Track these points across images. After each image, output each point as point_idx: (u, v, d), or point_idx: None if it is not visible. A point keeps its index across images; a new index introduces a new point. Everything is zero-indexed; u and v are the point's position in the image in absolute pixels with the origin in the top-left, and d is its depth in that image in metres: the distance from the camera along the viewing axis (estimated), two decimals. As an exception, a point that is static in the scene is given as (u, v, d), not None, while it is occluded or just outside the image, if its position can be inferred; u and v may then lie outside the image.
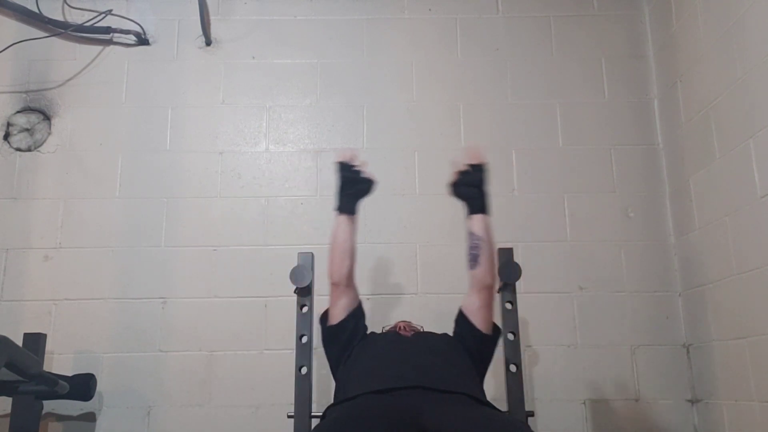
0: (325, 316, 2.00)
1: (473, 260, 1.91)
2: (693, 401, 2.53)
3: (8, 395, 2.20)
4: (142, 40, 2.87)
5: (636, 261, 2.66)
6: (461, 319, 1.97)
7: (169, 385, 2.53)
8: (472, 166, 1.94)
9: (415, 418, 1.54)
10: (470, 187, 1.94)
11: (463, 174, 1.94)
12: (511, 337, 2.14)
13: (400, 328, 2.14)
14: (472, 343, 1.93)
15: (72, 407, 2.48)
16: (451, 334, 2.05)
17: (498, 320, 2.18)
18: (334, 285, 1.97)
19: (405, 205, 2.71)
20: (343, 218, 1.98)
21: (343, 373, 1.91)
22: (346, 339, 1.94)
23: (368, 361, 1.86)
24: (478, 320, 1.92)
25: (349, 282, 1.98)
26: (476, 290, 1.93)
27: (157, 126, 2.79)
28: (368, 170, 2.00)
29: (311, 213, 2.71)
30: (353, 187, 1.98)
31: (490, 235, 1.93)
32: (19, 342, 2.23)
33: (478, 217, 1.93)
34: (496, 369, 2.20)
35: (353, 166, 1.98)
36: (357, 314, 1.99)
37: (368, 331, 2.04)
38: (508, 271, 2.18)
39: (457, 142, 2.78)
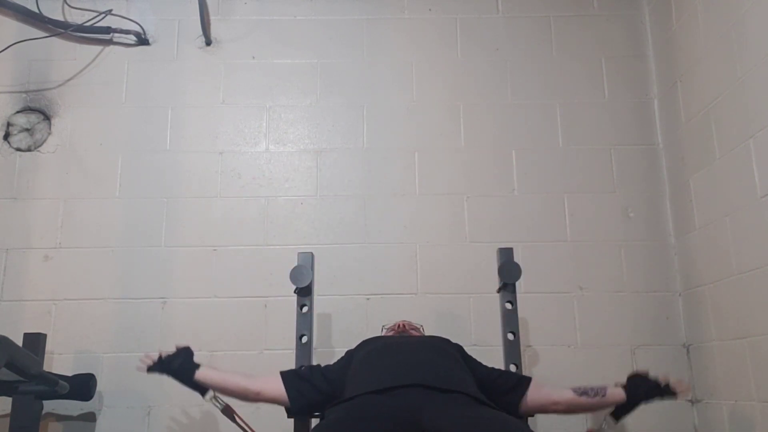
0: (286, 409, 1.96)
1: (584, 392, 1.90)
2: (693, 401, 2.53)
3: (8, 395, 2.20)
4: (142, 40, 2.87)
5: (636, 261, 2.66)
6: (524, 383, 1.93)
7: (169, 385, 2.50)
8: (670, 388, 1.89)
9: (415, 417, 1.55)
10: (648, 393, 1.90)
11: (659, 383, 1.91)
12: (511, 337, 2.14)
13: (400, 327, 2.14)
14: (501, 395, 1.89)
15: (72, 407, 2.48)
16: (446, 337, 2.06)
17: (498, 321, 2.19)
18: (253, 400, 1.94)
19: (405, 205, 2.71)
20: (200, 376, 1.93)
21: (340, 386, 1.88)
22: (308, 399, 1.90)
23: (368, 362, 1.86)
24: (531, 404, 1.90)
25: (253, 384, 1.93)
26: (560, 402, 1.91)
27: (157, 126, 2.79)
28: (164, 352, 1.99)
29: (311, 213, 2.71)
30: (175, 366, 1.94)
31: (608, 406, 1.91)
32: (19, 342, 2.23)
33: (621, 393, 1.90)
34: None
35: (159, 360, 1.96)
36: (291, 383, 1.92)
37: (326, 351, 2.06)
38: (508, 271, 2.18)
39: (457, 142, 2.78)
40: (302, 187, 2.74)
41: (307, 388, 1.91)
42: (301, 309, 2.17)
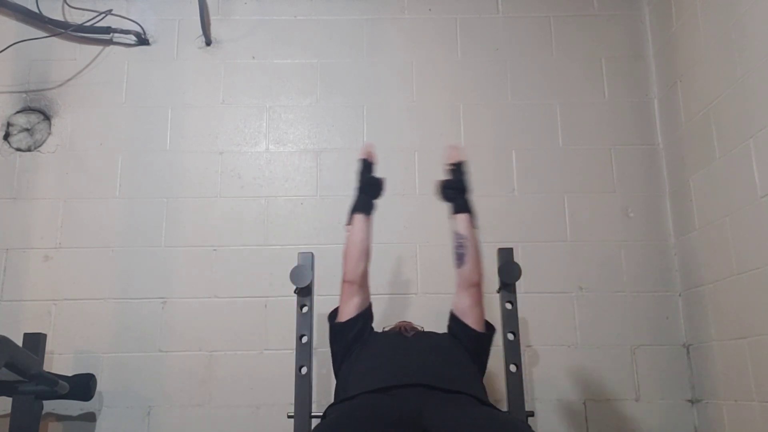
0: (334, 314, 2.00)
1: (459, 259, 1.94)
2: (693, 401, 2.53)
3: (8, 395, 2.20)
4: (142, 40, 2.87)
5: (636, 261, 2.66)
6: (453, 320, 1.98)
7: (169, 385, 2.53)
8: (453, 165, 1.98)
9: (416, 417, 1.55)
10: (452, 189, 1.97)
11: (446, 177, 1.98)
12: (511, 337, 2.14)
13: (400, 328, 2.14)
14: (468, 343, 1.94)
15: (72, 407, 2.48)
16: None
17: (498, 320, 2.19)
18: (349, 283, 1.96)
19: (405, 205, 2.71)
20: (361, 217, 2.01)
21: (344, 371, 1.91)
22: (352, 337, 1.95)
23: (369, 360, 1.86)
24: (470, 319, 1.94)
25: (363, 282, 1.98)
26: (464, 288, 1.95)
27: (157, 126, 2.79)
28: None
29: (311, 213, 2.71)
30: (371, 188, 2.03)
31: (473, 234, 1.96)
32: (19, 342, 2.23)
33: (461, 217, 1.96)
34: (497, 369, 2.21)
35: (372, 165, 2.04)
36: (366, 315, 2.00)
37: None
38: (508, 271, 2.18)
39: (457, 142, 2.78)
40: (302, 187, 2.74)
41: (358, 330, 1.95)
42: (301, 309, 2.17)
